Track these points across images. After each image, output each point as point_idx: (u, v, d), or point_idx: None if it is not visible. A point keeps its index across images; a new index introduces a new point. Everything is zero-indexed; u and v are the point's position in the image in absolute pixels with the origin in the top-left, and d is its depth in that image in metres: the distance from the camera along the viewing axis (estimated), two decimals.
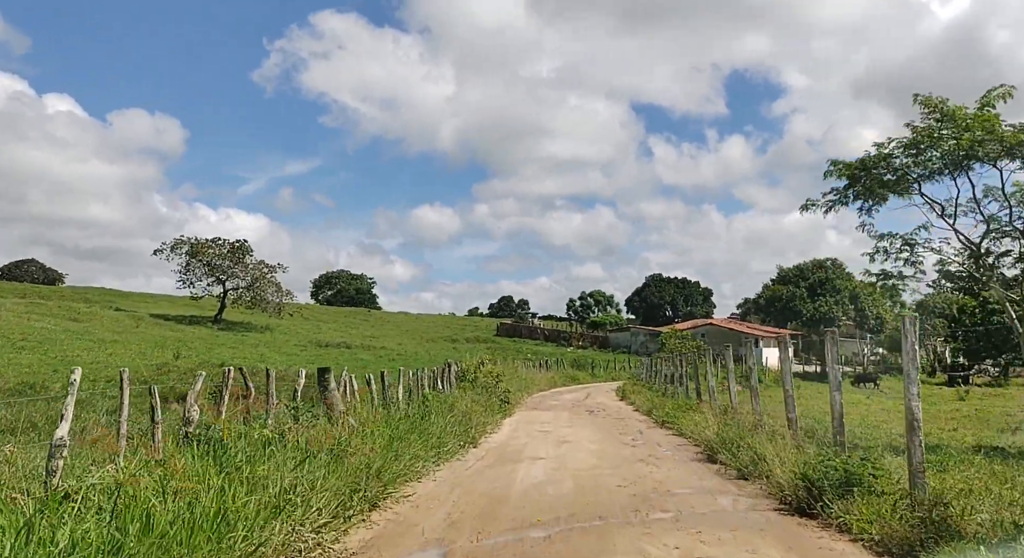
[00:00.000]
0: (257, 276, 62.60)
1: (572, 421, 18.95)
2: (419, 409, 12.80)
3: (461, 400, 15.46)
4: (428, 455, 10.42)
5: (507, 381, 27.85)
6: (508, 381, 28.32)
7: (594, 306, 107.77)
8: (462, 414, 14.18)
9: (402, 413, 12.62)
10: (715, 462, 10.71)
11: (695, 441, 13.33)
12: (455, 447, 12.05)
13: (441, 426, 12.09)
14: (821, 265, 62.77)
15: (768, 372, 56.23)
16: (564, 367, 50.54)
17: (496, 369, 22.08)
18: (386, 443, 9.34)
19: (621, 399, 28.96)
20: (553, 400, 29.33)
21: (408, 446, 9.73)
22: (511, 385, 27.91)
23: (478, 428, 14.47)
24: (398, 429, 10.41)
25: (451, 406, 14.80)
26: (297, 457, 6.54)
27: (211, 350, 48.04)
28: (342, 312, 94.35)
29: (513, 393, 25.59)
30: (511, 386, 27.51)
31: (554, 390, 37.80)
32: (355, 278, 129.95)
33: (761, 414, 12.65)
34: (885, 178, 19.11)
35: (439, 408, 14.15)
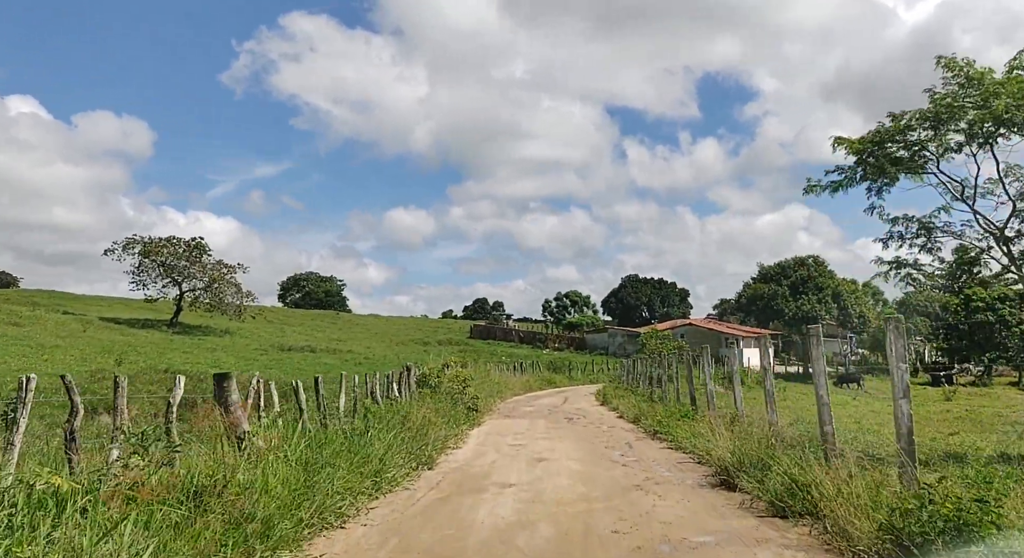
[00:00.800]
0: (215, 277, 59.34)
1: (549, 431, 16.54)
2: (361, 424, 10.27)
3: (418, 410, 12.94)
4: (362, 486, 7.92)
5: (477, 386, 25.39)
6: (478, 386, 25.85)
7: (570, 307, 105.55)
8: (417, 428, 11.68)
9: (338, 430, 10.08)
10: (734, 489, 8.35)
11: (698, 458, 10.98)
12: (405, 471, 9.57)
13: (385, 445, 9.57)
14: (803, 263, 61.20)
15: (750, 373, 54.51)
16: (540, 370, 48.15)
17: (463, 373, 19.58)
18: (299, 476, 6.83)
19: (602, 404, 26.61)
20: (528, 406, 26.91)
21: (331, 478, 7.21)
22: (482, 390, 25.44)
23: (437, 444, 11.97)
24: (322, 453, 7.89)
25: (405, 418, 12.28)
26: (95, 528, 3.97)
27: (161, 355, 44.90)
28: (309, 315, 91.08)
29: (483, 399, 23.15)
30: (481, 391, 25.05)
31: (530, 394, 35.39)
32: (324, 280, 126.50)
33: (779, 424, 10.34)
34: (898, 155, 17.01)
35: (390, 421, 11.63)
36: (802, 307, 58.08)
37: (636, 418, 18.30)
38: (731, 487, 8.50)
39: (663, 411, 16.25)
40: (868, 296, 62.80)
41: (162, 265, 58.72)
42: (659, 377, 23.82)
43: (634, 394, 25.42)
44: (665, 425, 14.61)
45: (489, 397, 25.77)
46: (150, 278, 59.07)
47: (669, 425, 14.49)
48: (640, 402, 21.15)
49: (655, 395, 22.22)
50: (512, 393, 33.67)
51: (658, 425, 14.99)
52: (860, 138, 17.29)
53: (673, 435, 13.38)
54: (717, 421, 11.92)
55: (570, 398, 32.43)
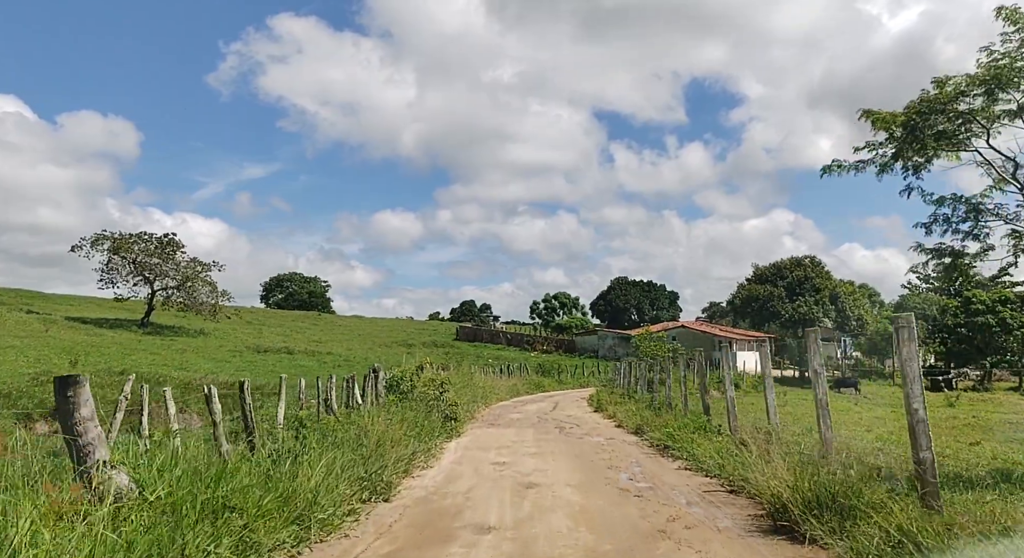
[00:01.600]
0: (189, 275, 56.52)
1: (540, 444, 14.15)
2: (294, 443, 7.84)
3: (378, 422, 10.50)
4: (275, 538, 5.50)
5: (459, 390, 22.98)
6: (460, 390, 23.45)
7: (559, 309, 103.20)
8: (374, 445, 9.25)
9: (264, 454, 7.63)
10: (800, 539, 5.99)
11: (730, 485, 8.64)
12: (349, 507, 7.15)
13: (324, 472, 7.14)
14: (799, 263, 59.16)
15: (745, 377, 52.42)
16: (528, 373, 45.74)
17: (440, 376, 17.11)
18: (169, 531, 4.41)
19: (597, 410, 24.26)
20: (515, 412, 24.52)
21: (218, 533, 4.78)
22: (464, 395, 23.03)
23: (400, 465, 9.55)
24: (216, 492, 5.45)
25: (361, 433, 9.85)
26: None
27: (126, 356, 42.17)
28: (290, 315, 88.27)
29: (465, 405, 20.76)
30: (464, 396, 22.65)
31: (516, 399, 32.99)
32: (308, 281, 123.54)
33: (832, 442, 8.02)
34: (941, 128, 14.78)
35: (338, 437, 9.20)
36: (799, 309, 56.02)
37: (639, 428, 15.94)
38: (794, 535, 6.13)
39: (675, 423, 13.87)
40: (865, 298, 60.84)
41: (133, 262, 55.87)
42: (659, 382, 21.55)
43: (632, 400, 23.09)
44: (678, 439, 12.25)
45: (472, 403, 23.37)
46: (120, 276, 56.22)
47: (682, 439, 12.15)
48: (641, 409, 18.80)
49: (656, 402, 19.87)
50: (498, 398, 31.26)
51: (669, 439, 12.63)
52: (899, 112, 15.03)
53: (690, 453, 11.04)
54: (751, 437, 9.57)
55: (560, 404, 30.07)
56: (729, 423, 12.09)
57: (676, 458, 11.47)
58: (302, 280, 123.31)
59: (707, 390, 15.62)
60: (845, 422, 26.17)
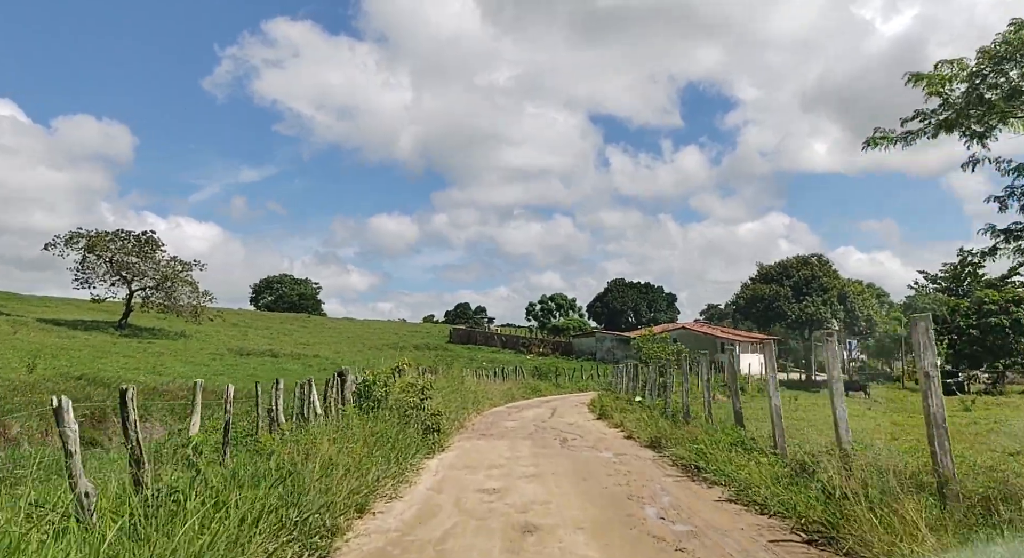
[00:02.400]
0: (168, 274, 53.94)
1: (538, 462, 11.75)
2: (178, 480, 5.43)
3: (324, 444, 8.07)
4: None
5: (446, 395, 20.59)
6: (449, 395, 21.05)
7: (555, 310, 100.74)
8: (314, 477, 6.82)
9: (147, 496, 5.21)
10: None
11: (803, 530, 6.27)
12: None
13: (222, 528, 4.71)
14: (806, 262, 56.90)
15: (751, 381, 50.15)
16: (524, 376, 43.33)
17: (421, 380, 14.64)
18: None
19: (600, 418, 21.87)
20: (510, 420, 22.13)
21: None
22: (453, 401, 20.64)
23: (353, 499, 7.14)
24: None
25: (302, 459, 7.43)
26: None
27: (95, 360, 39.65)
28: (278, 318, 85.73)
29: (453, 413, 18.38)
30: (453, 402, 20.26)
31: (511, 405, 30.59)
32: (298, 283, 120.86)
33: (954, 476, 5.65)
34: (1015, 84, 12.44)
35: (263, 468, 6.78)
36: (806, 309, 53.74)
37: (655, 442, 13.56)
38: None
39: (704, 435, 11.44)
40: (873, 298, 58.63)
41: (109, 262, 53.27)
42: (665, 385, 19.20)
43: (640, 406, 20.70)
44: (711, 459, 9.86)
45: (462, 409, 20.97)
46: (96, 276, 53.58)
47: (716, 458, 9.77)
48: (655, 418, 16.40)
49: (671, 409, 17.48)
50: (491, 403, 28.86)
51: (698, 457, 10.24)
52: (947, 75, 12.68)
53: (731, 478, 8.66)
54: (810, 459, 7.18)
55: (559, 409, 27.68)
56: (775, 439, 9.71)
57: (713, 484, 9.08)
58: (292, 282, 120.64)
59: (738, 396, 13.25)
60: (865, 429, 23.89)
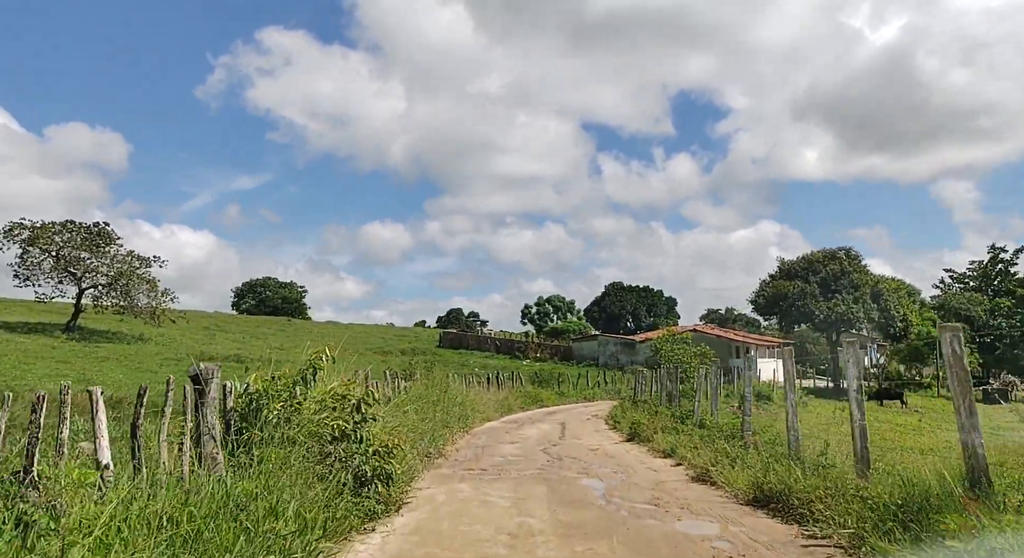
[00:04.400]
0: (123, 271, 48.12)
1: (571, 544, 6.13)
2: None
3: None
4: None
5: (422, 409, 15.04)
6: (425, 409, 15.49)
7: (552, 313, 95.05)
8: None
9: None
10: None
11: None
12: None
13: None
14: (833, 256, 51.46)
15: (775, 389, 44.70)
16: (522, 383, 37.68)
17: (357, 391, 8.79)
18: None
19: (631, 439, 16.29)
20: (508, 441, 16.51)
21: None
22: (431, 417, 15.09)
23: None
24: None
25: None
26: None
27: (21, 365, 33.93)
28: (254, 321, 79.87)
29: (428, 437, 12.82)
30: (429, 420, 14.71)
31: (509, 418, 24.98)
32: (283, 286, 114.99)
33: None
34: None
35: None
36: (836, 308, 48.23)
37: (768, 497, 7.94)
38: None
39: (889, 493, 5.84)
40: (906, 296, 53.29)
41: (55, 256, 47.42)
42: (747, 397, 13.66)
43: (688, 424, 15.09)
44: None
45: (443, 428, 15.37)
46: (41, 272, 47.69)
47: None
48: (720, 444, 10.80)
49: (751, 431, 11.87)
50: (483, 417, 23.25)
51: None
52: None
53: None
54: None
55: (570, 425, 22.08)
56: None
57: None
58: (276, 285, 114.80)
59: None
60: (933, 447, 18.51)
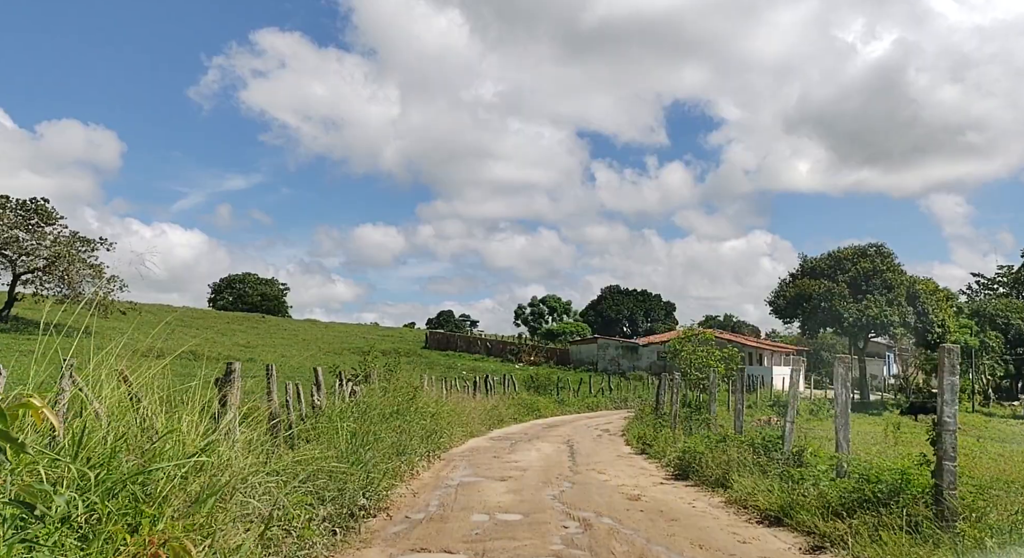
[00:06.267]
0: (61, 253, 42.32)
1: None
2: None
3: None
4: None
5: (360, 424, 9.58)
6: (371, 433, 9.99)
7: (547, 314, 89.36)
8: None
9: None
10: None
11: None
12: None
13: None
14: (864, 253, 46.13)
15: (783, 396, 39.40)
16: (515, 389, 32.10)
17: None
18: None
19: (681, 476, 10.77)
20: (495, 479, 10.95)
21: None
22: (386, 435, 9.67)
23: None
24: None
25: None
26: None
27: None
28: (225, 317, 74.10)
29: (376, 465, 7.32)
30: (384, 440, 9.27)
31: (499, 434, 19.41)
32: (263, 282, 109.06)
33: None
34: None
35: None
36: (867, 310, 42.88)
37: None
38: None
39: None
40: (944, 300, 48.01)
41: None
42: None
43: (790, 468, 9.52)
44: None
45: (395, 458, 9.84)
46: None
47: None
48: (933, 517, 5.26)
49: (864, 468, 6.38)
50: (467, 432, 17.69)
51: None
52: None
53: None
54: None
55: (579, 444, 16.55)
56: None
57: None
58: (256, 281, 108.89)
59: None
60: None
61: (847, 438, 8.12)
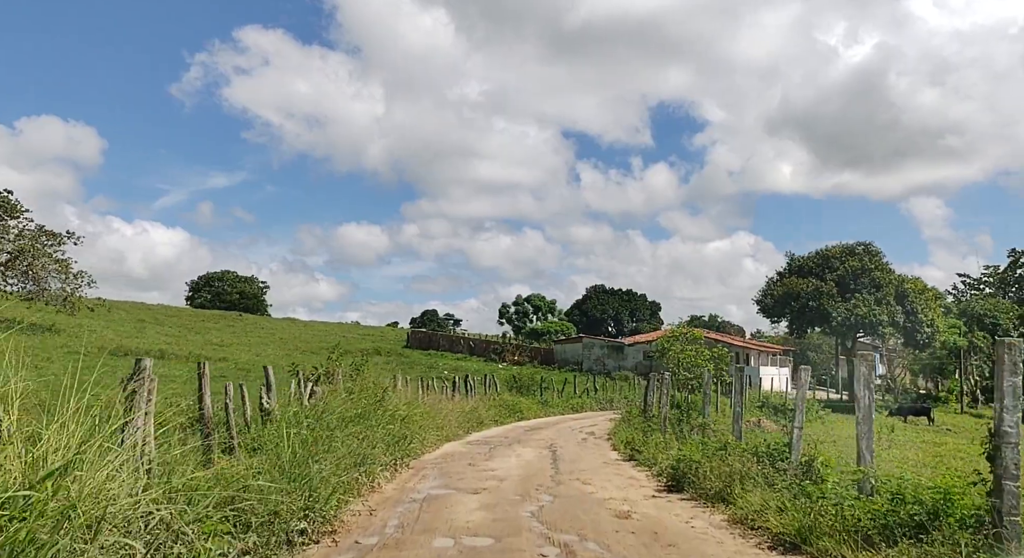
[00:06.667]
0: (25, 248, 40.61)
1: None
2: None
3: None
4: None
5: (297, 447, 8.32)
6: (327, 441, 8.77)
7: (532, 313, 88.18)
8: None
9: None
10: None
11: None
12: None
13: None
14: (852, 251, 45.36)
15: (772, 398, 38.86)
16: (497, 390, 30.90)
17: None
18: None
19: (674, 487, 9.61)
20: (467, 491, 9.74)
21: None
22: (329, 449, 8.43)
23: None
24: None
25: None
26: None
27: None
28: (200, 315, 72.33)
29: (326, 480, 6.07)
30: (314, 458, 8.01)
31: (477, 438, 18.21)
32: (242, 280, 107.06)
33: None
34: None
35: None
36: (856, 310, 42.10)
37: None
38: None
39: None
40: (933, 300, 47.36)
41: None
42: None
43: (797, 482, 8.41)
44: None
45: (352, 469, 8.61)
46: None
47: None
48: None
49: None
50: (440, 436, 16.48)
51: None
52: None
53: None
54: None
55: (563, 450, 15.40)
56: None
57: None
58: (235, 279, 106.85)
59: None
60: None
61: (871, 449, 6.98)
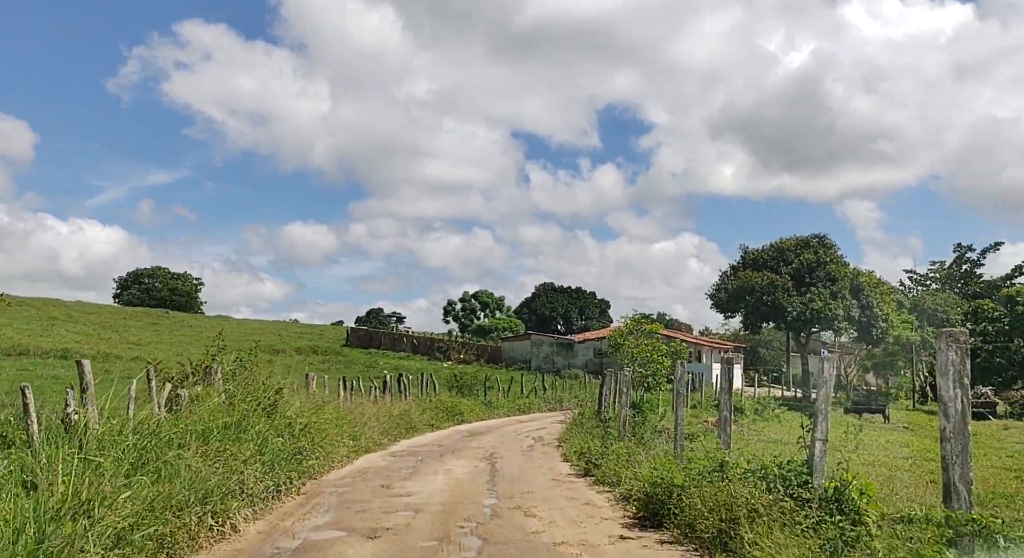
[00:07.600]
0: None
1: None
2: None
3: None
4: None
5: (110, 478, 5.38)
6: (153, 467, 5.85)
7: (479, 310, 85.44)
8: None
9: None
10: None
11: None
12: None
13: None
14: (807, 244, 44.03)
15: (744, 399, 37.22)
16: (436, 390, 28.04)
17: None
18: None
19: (648, 521, 7.04)
20: (364, 537, 6.98)
21: None
22: (166, 488, 5.51)
23: None
24: None
25: None
26: None
27: None
28: (122, 312, 67.36)
29: None
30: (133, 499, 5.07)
31: (403, 447, 15.39)
32: (174, 277, 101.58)
33: None
34: None
35: None
36: (811, 303, 40.69)
37: None
38: None
39: None
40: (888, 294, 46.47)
41: None
42: None
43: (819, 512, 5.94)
44: None
45: (199, 504, 5.76)
46: None
47: None
48: None
49: None
50: (359, 446, 13.63)
51: None
52: None
53: None
54: None
55: (505, 461, 12.75)
56: None
57: None
58: (167, 276, 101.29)
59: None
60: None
61: (968, 480, 4.50)
